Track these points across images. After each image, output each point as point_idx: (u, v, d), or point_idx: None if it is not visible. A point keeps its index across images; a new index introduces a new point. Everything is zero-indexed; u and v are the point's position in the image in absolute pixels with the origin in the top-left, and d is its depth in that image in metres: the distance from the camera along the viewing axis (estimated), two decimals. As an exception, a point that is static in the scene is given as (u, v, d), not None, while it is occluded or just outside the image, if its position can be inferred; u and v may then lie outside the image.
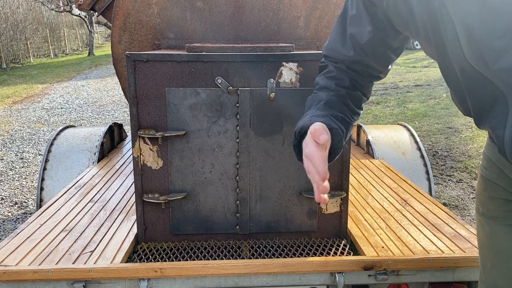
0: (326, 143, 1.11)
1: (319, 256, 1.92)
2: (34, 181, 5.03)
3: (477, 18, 0.90)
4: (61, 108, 9.31)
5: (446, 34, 0.99)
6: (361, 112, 1.41)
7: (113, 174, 2.87)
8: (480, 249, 1.30)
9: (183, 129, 1.88)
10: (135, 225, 2.03)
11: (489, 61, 0.91)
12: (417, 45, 17.47)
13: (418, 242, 1.90)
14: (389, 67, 1.38)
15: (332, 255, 1.93)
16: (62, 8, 20.58)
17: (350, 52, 1.29)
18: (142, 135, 1.87)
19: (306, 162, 1.13)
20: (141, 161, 1.92)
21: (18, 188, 4.91)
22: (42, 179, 3.02)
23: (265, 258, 1.91)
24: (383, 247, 1.87)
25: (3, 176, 5.29)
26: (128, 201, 2.41)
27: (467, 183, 4.77)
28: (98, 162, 3.14)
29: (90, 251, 1.84)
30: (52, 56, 20.97)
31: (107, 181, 2.73)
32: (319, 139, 1.09)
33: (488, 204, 1.24)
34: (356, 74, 1.34)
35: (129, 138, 3.91)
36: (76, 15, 20.65)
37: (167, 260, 1.90)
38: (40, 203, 2.95)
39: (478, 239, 1.31)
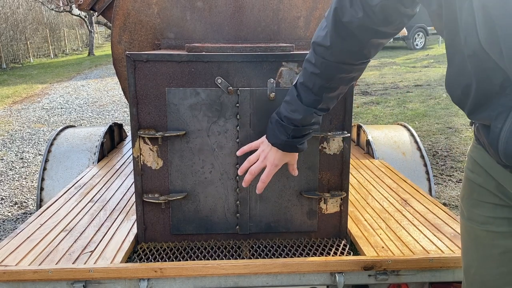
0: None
1: (319, 256, 1.92)
2: (34, 181, 5.03)
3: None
4: (61, 108, 9.31)
5: (461, 11, 0.91)
6: (367, 60, 1.37)
7: (113, 174, 2.87)
8: (464, 255, 1.26)
9: (183, 129, 1.88)
10: (135, 225, 2.03)
11: (505, 49, 0.82)
12: (417, 45, 17.45)
13: (418, 242, 1.90)
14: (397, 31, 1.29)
15: (332, 255, 1.93)
16: (62, 8, 20.60)
17: (359, 13, 1.21)
18: (142, 135, 1.87)
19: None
20: (141, 161, 1.92)
21: (18, 188, 4.91)
22: (42, 179, 3.02)
23: (265, 258, 1.91)
24: (383, 247, 1.87)
25: (3, 176, 5.28)
26: (128, 201, 2.41)
27: (467, 183, 4.76)
28: (98, 162, 3.14)
29: (90, 251, 1.84)
30: (52, 56, 20.97)
31: (107, 181, 2.73)
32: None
33: (474, 209, 1.19)
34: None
35: (129, 138, 3.91)
36: (76, 15, 20.66)
37: (167, 260, 1.90)
38: (40, 203, 2.95)
39: (462, 245, 1.27)
